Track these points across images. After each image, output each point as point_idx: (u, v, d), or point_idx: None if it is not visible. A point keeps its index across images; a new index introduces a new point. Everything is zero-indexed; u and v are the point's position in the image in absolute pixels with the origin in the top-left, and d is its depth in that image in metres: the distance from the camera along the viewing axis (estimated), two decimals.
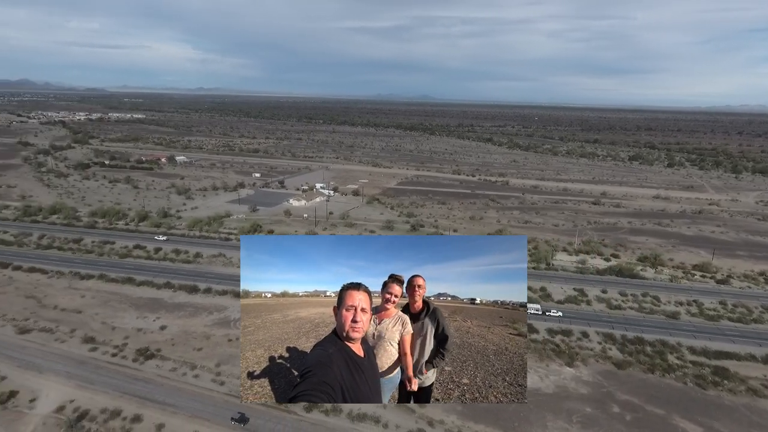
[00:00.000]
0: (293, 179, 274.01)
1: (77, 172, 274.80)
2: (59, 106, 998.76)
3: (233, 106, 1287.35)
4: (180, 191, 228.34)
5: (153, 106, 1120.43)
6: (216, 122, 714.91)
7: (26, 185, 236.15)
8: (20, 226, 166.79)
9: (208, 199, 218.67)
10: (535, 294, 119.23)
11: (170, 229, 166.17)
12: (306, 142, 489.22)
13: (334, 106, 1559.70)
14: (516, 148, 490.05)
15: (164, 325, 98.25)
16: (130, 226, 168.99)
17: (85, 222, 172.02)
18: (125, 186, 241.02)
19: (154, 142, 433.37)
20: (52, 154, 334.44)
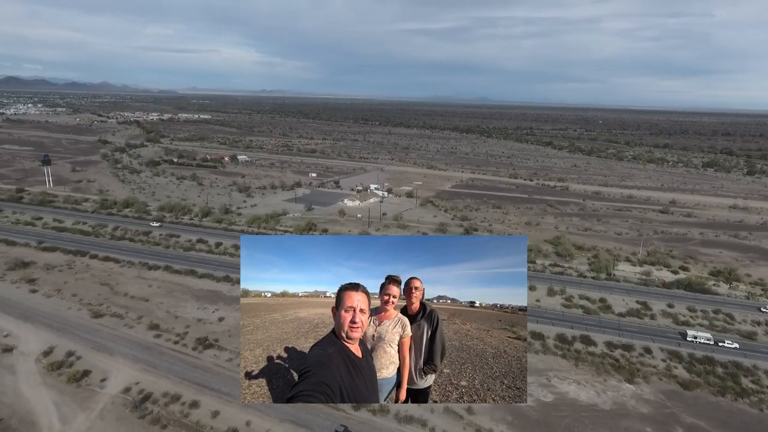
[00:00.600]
0: (348, 180, 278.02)
1: (149, 169, 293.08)
2: (135, 107, 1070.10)
3: (293, 107, 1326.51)
4: (241, 189, 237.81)
5: (219, 107, 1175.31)
6: (276, 123, 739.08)
7: (104, 180, 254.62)
8: (97, 217, 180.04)
9: (267, 197, 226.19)
10: (593, 305, 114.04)
11: (231, 225, 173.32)
12: (362, 143, 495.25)
13: (391, 107, 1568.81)
14: (577, 152, 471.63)
15: (222, 317, 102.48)
16: (194, 221, 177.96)
17: (154, 216, 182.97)
18: (191, 183, 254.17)
19: (218, 142, 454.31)
20: (127, 152, 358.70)
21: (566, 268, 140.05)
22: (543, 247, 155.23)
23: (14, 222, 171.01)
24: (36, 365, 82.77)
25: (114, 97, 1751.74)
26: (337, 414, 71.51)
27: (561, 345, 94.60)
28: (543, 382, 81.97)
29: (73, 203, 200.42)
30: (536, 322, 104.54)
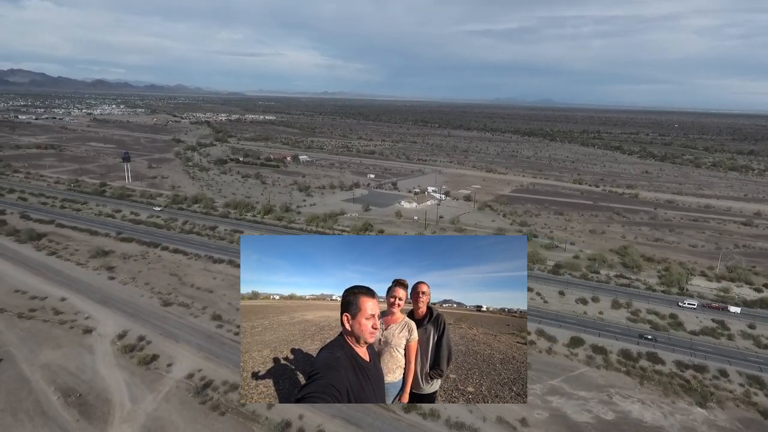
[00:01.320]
0: (406, 181, 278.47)
1: (216, 167, 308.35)
2: (206, 108, 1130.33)
3: (353, 109, 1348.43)
4: (301, 188, 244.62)
5: (283, 109, 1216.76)
6: (337, 124, 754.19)
7: (176, 177, 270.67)
8: (169, 211, 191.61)
9: (326, 196, 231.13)
10: (663, 321, 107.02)
11: (290, 223, 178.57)
12: (420, 145, 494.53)
13: (451, 110, 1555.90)
14: (649, 158, 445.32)
15: None
16: (256, 218, 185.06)
17: (220, 212, 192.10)
18: (255, 181, 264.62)
19: (281, 142, 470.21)
20: (198, 151, 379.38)
21: (633, 281, 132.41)
22: (608, 257, 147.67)
23: (97, 213, 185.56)
24: (111, 347, 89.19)
25: (188, 98, 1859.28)
26: (387, 414, 71.61)
27: (625, 361, 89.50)
28: (604, 399, 77.89)
29: (149, 198, 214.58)
30: (598, 335, 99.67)
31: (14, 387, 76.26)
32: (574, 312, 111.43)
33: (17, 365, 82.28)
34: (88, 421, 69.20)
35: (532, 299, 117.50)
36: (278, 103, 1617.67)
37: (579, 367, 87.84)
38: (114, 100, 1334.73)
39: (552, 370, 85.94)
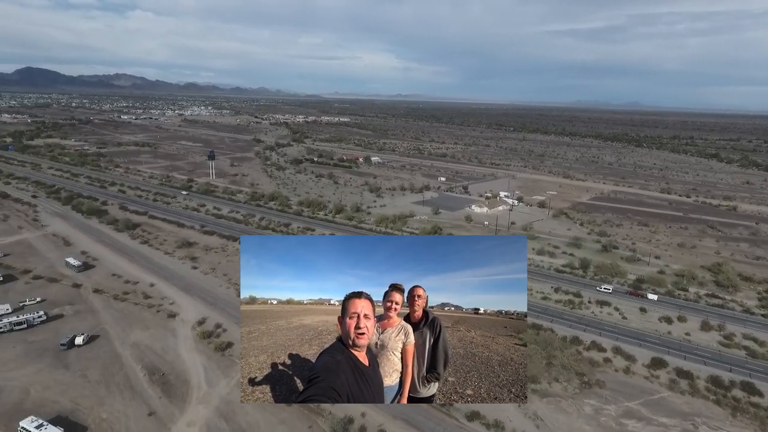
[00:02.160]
0: (477, 185, 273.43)
1: (292, 166, 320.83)
2: (285, 109, 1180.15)
3: (426, 111, 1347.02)
4: (372, 189, 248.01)
5: (357, 111, 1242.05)
6: (409, 127, 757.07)
7: (255, 175, 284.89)
8: (248, 207, 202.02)
9: (396, 198, 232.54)
10: (762, 348, 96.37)
11: (360, 223, 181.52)
12: (494, 149, 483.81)
13: (528, 112, 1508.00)
14: (752, 167, 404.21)
15: None
16: (328, 217, 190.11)
17: (294, 210, 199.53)
18: (328, 181, 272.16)
19: (354, 143, 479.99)
20: (276, 150, 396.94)
21: (728, 301, 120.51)
22: (698, 274, 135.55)
23: (184, 207, 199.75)
24: (191, 332, 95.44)
25: (268, 100, 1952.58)
26: (449, 421, 70.48)
27: (714, 389, 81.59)
28: (688, 428, 71.45)
29: (230, 194, 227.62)
30: (684, 358, 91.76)
31: (108, 362, 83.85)
32: (656, 331, 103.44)
33: (111, 342, 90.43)
34: (169, 399, 74.43)
35: (609, 314, 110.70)
36: (353, 106, 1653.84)
37: (660, 390, 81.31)
38: (203, 102, 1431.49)
39: (629, 392, 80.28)
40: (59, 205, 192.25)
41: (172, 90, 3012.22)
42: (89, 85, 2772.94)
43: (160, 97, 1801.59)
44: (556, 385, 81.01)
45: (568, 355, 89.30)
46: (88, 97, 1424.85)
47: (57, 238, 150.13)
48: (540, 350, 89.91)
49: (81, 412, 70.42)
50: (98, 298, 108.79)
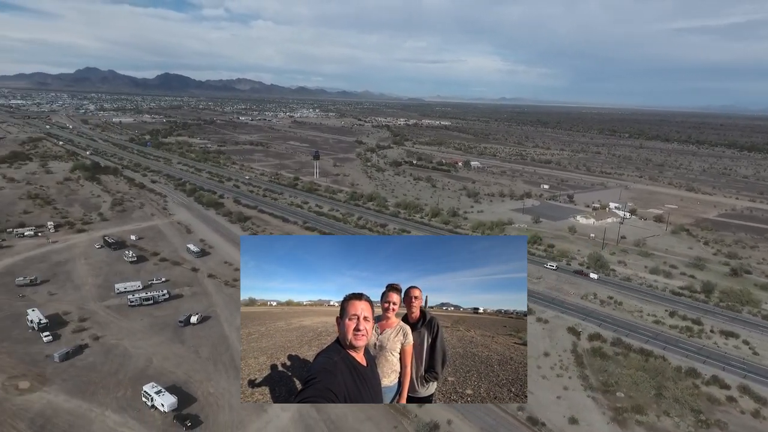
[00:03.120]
0: (584, 195, 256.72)
1: (392, 168, 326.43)
2: (387, 112, 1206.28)
3: (531, 115, 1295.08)
4: (470, 194, 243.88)
5: (458, 115, 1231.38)
6: (512, 131, 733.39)
7: (356, 175, 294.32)
8: (347, 207, 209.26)
9: (494, 204, 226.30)
10: None
11: (456, 227, 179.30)
12: (605, 156, 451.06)
13: (646, 118, 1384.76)
14: None
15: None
16: (424, 220, 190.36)
17: (391, 211, 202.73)
18: (425, 184, 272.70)
19: (454, 147, 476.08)
20: (376, 152, 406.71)
21: None
22: None
23: (289, 204, 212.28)
24: None
25: (372, 103, 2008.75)
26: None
27: None
28: None
29: (331, 193, 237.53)
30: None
31: (217, 341, 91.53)
32: None
33: (221, 324, 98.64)
34: None
35: (736, 347, 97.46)
36: (454, 109, 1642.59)
37: None
38: (311, 105, 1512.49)
39: None
40: (184, 197, 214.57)
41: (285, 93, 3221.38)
42: (215, 88, 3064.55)
43: (274, 100, 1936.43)
44: (666, 420, 73.04)
45: (682, 388, 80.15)
46: (213, 100, 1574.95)
47: (181, 226, 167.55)
48: (649, 379, 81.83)
49: (192, 385, 77.61)
50: (212, 283, 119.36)
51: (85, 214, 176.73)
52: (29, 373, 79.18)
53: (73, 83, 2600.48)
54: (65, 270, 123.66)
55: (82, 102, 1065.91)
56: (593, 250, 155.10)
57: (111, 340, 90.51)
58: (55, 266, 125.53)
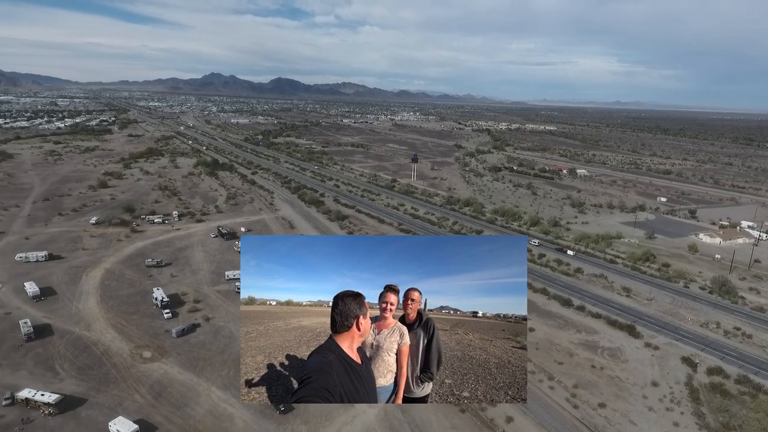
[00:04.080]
0: (709, 211, 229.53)
1: (490, 173, 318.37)
2: (488, 116, 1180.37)
3: (650, 121, 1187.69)
4: (574, 204, 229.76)
5: (565, 119, 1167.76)
6: (626, 138, 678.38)
7: (453, 180, 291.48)
8: (442, 210, 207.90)
9: (601, 216, 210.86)
10: None
11: (557, 238, 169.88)
12: (738, 168, 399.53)
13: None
14: None
15: (532, 328, 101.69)
16: (522, 228, 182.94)
17: (487, 217, 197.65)
18: (525, 191, 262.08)
19: (559, 153, 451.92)
20: (475, 157, 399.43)
21: None
22: None
23: (386, 205, 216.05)
24: None
25: (473, 107, 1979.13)
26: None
27: None
28: None
29: (428, 196, 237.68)
30: None
31: None
32: None
33: None
34: None
35: None
36: (561, 113, 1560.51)
37: None
38: (412, 108, 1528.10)
39: None
40: (289, 194, 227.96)
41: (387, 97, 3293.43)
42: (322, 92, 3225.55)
43: (376, 103, 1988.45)
44: None
45: None
46: (320, 103, 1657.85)
47: (284, 221, 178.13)
48: (760, 418, 71.19)
49: None
50: None
51: (203, 205, 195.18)
52: (151, 345, 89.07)
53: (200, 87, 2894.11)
54: (185, 255, 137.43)
55: (207, 104, 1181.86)
56: (718, 273, 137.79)
57: (219, 322, 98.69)
58: (177, 251, 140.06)
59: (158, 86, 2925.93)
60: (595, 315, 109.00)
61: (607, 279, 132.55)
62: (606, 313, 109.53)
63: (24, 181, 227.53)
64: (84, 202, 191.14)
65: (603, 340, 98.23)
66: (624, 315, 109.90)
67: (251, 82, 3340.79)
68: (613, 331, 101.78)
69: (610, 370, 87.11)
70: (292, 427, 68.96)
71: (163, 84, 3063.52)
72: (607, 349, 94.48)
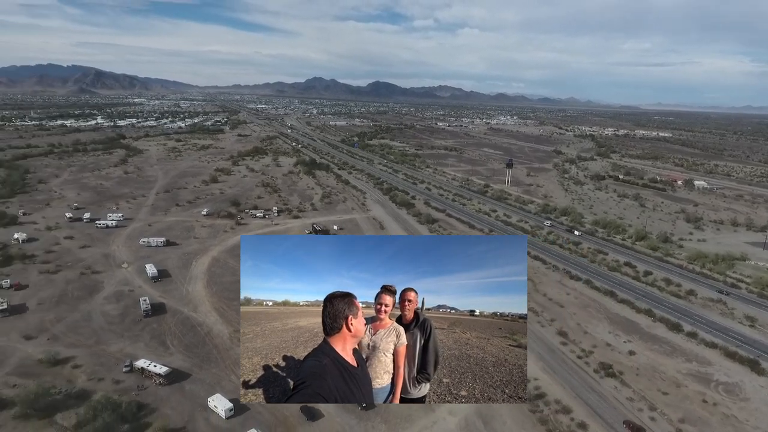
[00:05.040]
0: None
1: (592, 182, 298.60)
2: (593, 121, 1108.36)
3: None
4: (689, 219, 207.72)
5: (683, 125, 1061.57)
6: (758, 147, 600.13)
7: (550, 187, 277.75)
8: (537, 219, 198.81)
9: (722, 234, 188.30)
10: None
11: (667, 255, 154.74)
12: None
13: None
14: None
15: (633, 351, 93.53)
16: (626, 243, 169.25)
17: (586, 228, 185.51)
18: (632, 202, 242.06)
19: (673, 163, 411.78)
20: (576, 164, 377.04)
21: None
22: None
23: (477, 210, 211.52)
24: None
25: (576, 111, 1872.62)
26: None
27: None
28: None
29: (522, 203, 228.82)
30: None
31: None
32: None
33: None
34: None
35: None
36: (678, 119, 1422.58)
37: None
38: (509, 112, 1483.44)
39: None
40: (380, 195, 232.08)
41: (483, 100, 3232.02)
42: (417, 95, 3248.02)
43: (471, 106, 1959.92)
44: None
45: None
46: (415, 106, 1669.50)
47: (375, 221, 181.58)
48: None
49: None
50: None
51: (300, 203, 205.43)
52: None
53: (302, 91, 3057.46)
54: None
55: (308, 107, 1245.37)
56: None
57: None
58: None
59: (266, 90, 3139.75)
60: (709, 344, 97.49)
61: (726, 305, 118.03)
62: (723, 343, 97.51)
63: (150, 174, 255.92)
64: (197, 195, 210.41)
65: (718, 372, 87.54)
66: (746, 347, 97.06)
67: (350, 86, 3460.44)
68: (732, 364, 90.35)
69: (726, 408, 77.32)
70: (372, 425, 69.85)
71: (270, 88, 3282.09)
72: (723, 384, 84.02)
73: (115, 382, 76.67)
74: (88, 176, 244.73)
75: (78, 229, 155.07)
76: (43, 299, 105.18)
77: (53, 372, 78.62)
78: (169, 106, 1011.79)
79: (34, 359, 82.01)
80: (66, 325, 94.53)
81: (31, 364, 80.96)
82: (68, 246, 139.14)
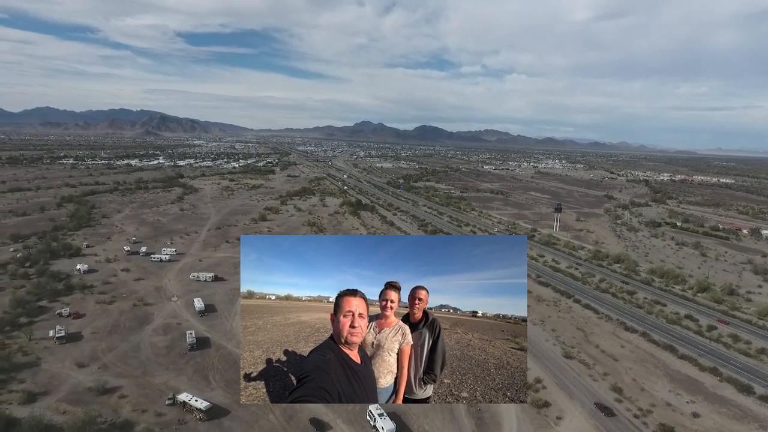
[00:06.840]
0: None
1: (647, 229, 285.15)
2: (647, 166, 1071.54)
3: None
4: (758, 270, 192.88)
5: (746, 171, 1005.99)
6: None
7: (601, 233, 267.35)
8: (588, 266, 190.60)
9: None
10: None
11: (733, 309, 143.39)
12: None
13: None
14: None
15: (698, 413, 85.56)
16: (686, 294, 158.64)
17: (641, 277, 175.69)
18: (692, 251, 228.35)
19: (737, 210, 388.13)
20: (630, 209, 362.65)
21: None
22: None
23: None
24: None
25: (629, 156, 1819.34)
26: None
27: None
28: None
29: (571, 249, 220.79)
30: None
31: None
32: None
33: None
34: None
35: None
36: (741, 164, 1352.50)
37: None
38: (558, 156, 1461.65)
39: None
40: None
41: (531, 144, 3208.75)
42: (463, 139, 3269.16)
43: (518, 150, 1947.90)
44: None
45: None
46: (461, 150, 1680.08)
47: None
48: None
49: (408, 417, 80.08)
50: None
51: None
52: None
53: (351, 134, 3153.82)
54: None
55: (356, 149, 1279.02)
56: None
57: None
58: None
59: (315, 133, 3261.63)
60: None
61: None
62: None
63: (203, 212, 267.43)
64: (246, 232, 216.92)
65: None
66: None
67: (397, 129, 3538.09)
68: None
69: None
70: None
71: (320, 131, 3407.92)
72: None
73: (157, 415, 77.61)
74: (147, 212, 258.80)
75: (134, 262, 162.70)
76: (97, 328, 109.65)
77: (100, 401, 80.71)
78: (225, 148, 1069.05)
79: (84, 387, 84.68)
80: (116, 355, 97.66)
81: (81, 391, 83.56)
82: (124, 278, 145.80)
